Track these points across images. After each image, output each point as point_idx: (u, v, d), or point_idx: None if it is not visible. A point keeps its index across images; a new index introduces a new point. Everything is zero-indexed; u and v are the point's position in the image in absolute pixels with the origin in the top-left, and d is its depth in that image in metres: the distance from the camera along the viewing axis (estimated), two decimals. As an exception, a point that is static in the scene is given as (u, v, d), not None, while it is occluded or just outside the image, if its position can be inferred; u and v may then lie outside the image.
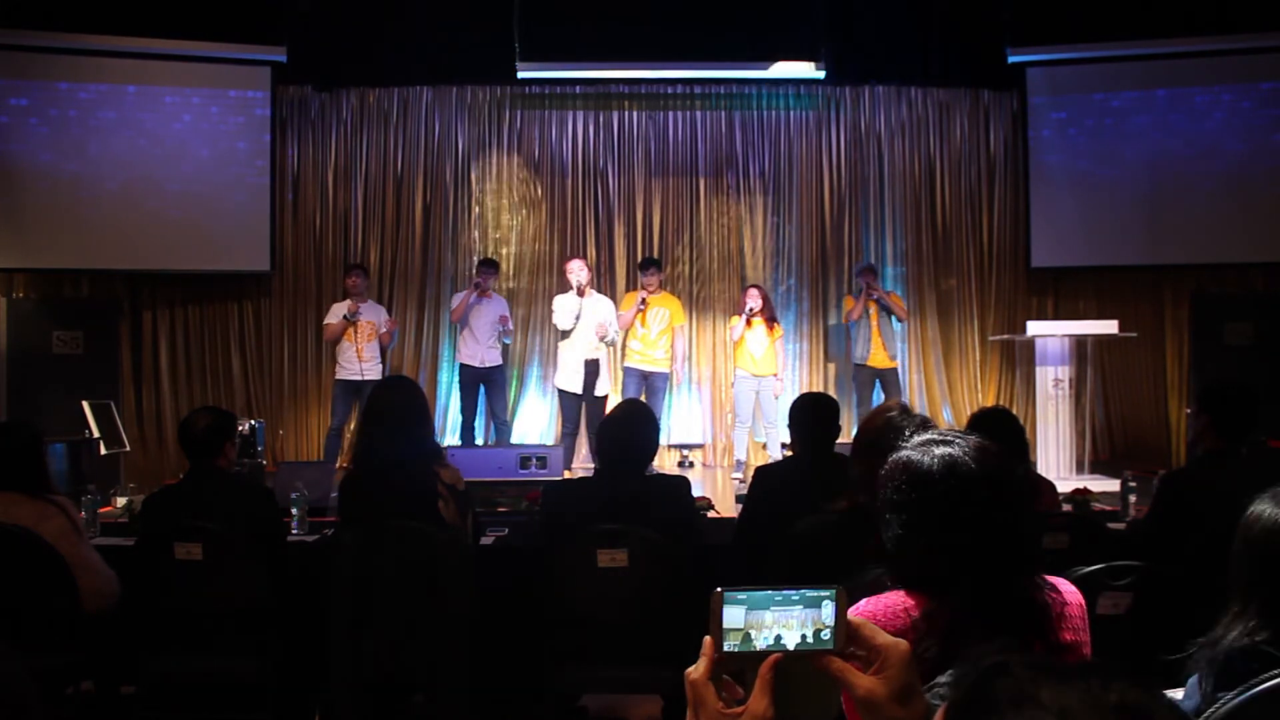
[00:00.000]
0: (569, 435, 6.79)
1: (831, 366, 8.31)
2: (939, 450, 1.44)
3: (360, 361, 7.00)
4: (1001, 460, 1.45)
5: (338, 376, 7.13)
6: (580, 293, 6.57)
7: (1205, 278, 7.98)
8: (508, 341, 7.69)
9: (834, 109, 8.41)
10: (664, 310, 7.12)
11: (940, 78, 8.30)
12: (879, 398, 7.40)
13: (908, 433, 1.99)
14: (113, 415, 6.79)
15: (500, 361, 7.44)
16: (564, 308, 6.60)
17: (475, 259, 8.00)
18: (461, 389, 7.46)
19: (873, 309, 7.35)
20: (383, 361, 7.30)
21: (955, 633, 1.33)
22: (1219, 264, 7.85)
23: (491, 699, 3.18)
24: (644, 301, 6.87)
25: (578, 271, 6.65)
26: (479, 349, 7.26)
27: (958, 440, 1.46)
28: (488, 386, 7.37)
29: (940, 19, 8.15)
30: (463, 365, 7.38)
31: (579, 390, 6.54)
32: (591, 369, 6.57)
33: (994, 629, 1.34)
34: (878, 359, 7.35)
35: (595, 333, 6.53)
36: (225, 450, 3.23)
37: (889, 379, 7.41)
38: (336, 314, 7.10)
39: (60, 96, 7.54)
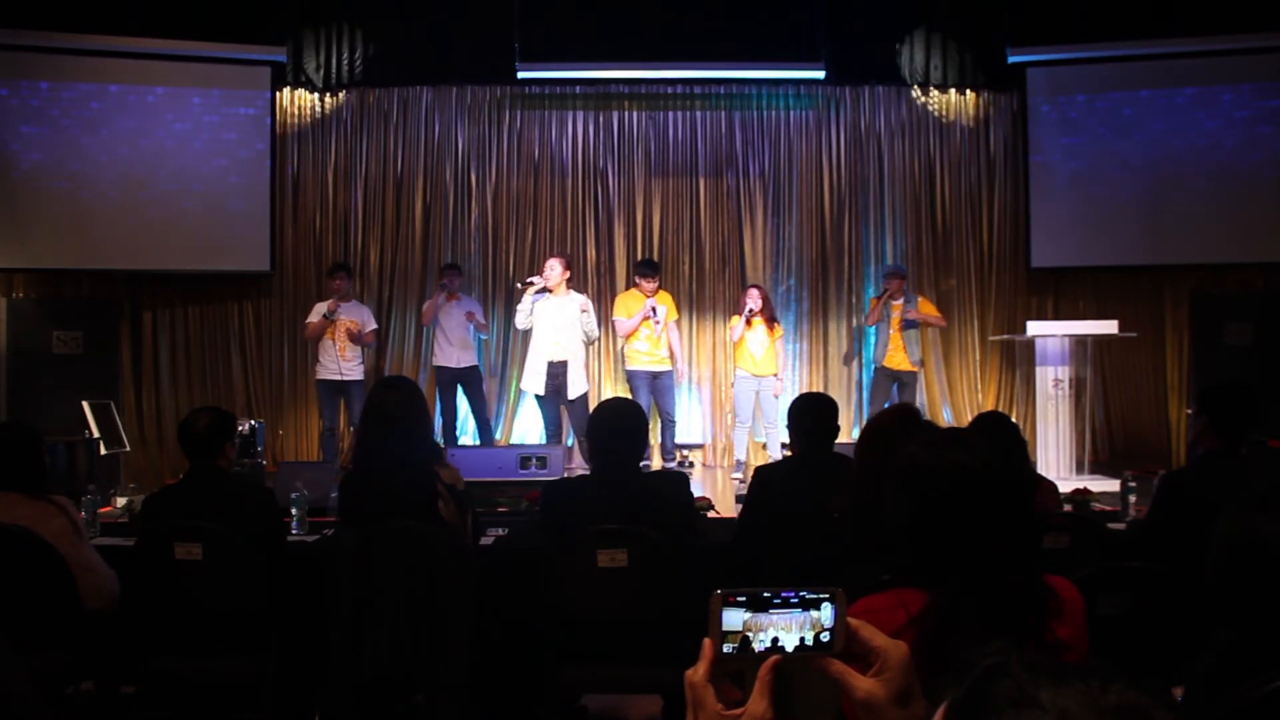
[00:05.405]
0: (552, 438, 6.77)
1: (832, 367, 8.30)
2: (945, 451, 1.51)
3: (342, 360, 6.98)
4: (1005, 462, 1.51)
5: (319, 377, 7.09)
6: (548, 290, 6.53)
7: (1205, 278, 7.97)
8: (484, 337, 7.71)
9: (834, 109, 8.40)
10: (661, 307, 7.12)
11: (940, 78, 8.30)
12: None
13: (915, 434, 2.01)
14: (113, 415, 6.80)
15: (475, 362, 7.42)
16: (519, 309, 6.56)
17: (475, 259, 7.99)
18: (440, 390, 7.39)
19: (895, 311, 7.31)
20: (364, 362, 7.29)
21: (953, 626, 1.37)
22: (1219, 264, 7.85)
23: (491, 699, 3.18)
24: (654, 309, 6.87)
25: (549, 269, 6.55)
26: (453, 350, 7.26)
27: (964, 442, 1.53)
28: (465, 387, 7.36)
29: (940, 19, 8.15)
30: (439, 368, 7.36)
31: (542, 392, 6.53)
32: (557, 370, 6.52)
33: (991, 624, 1.38)
34: (894, 360, 7.30)
35: (582, 327, 6.50)
36: (225, 450, 3.23)
37: (906, 382, 7.34)
38: (317, 313, 7.07)
39: (60, 96, 7.53)
